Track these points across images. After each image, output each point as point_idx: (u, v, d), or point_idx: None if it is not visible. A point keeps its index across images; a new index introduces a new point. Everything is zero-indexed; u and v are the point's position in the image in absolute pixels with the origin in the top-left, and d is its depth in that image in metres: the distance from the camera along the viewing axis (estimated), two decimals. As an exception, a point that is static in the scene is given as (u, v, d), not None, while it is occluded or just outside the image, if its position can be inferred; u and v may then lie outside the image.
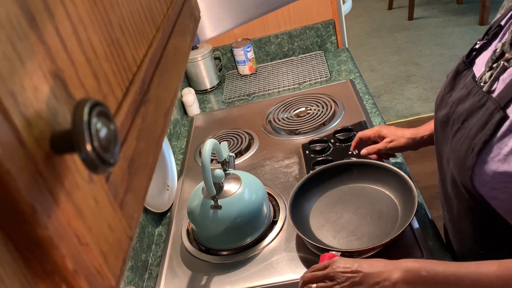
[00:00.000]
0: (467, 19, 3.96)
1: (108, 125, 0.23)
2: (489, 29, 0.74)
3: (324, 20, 1.77)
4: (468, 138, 0.66)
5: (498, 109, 0.61)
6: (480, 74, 0.69)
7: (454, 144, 0.69)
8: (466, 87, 0.71)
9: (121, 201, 0.31)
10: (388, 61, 3.61)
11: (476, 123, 0.64)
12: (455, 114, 0.71)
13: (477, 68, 0.72)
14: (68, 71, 0.26)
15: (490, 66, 0.67)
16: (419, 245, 0.88)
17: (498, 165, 0.60)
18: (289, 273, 0.92)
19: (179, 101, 1.65)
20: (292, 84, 1.65)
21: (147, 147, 0.39)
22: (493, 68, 0.67)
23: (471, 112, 0.67)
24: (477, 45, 0.75)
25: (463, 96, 0.70)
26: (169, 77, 0.49)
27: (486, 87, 0.66)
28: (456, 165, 0.69)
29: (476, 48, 0.75)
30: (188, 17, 0.66)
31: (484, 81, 0.67)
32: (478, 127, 0.64)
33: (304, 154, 1.24)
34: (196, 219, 1.01)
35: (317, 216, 1.00)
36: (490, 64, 0.67)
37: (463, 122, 0.68)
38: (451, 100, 0.74)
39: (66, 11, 0.28)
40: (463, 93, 0.71)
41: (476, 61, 0.73)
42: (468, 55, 0.75)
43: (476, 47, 0.75)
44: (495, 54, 0.67)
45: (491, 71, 0.67)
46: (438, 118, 0.78)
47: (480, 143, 0.63)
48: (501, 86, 0.63)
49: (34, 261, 0.22)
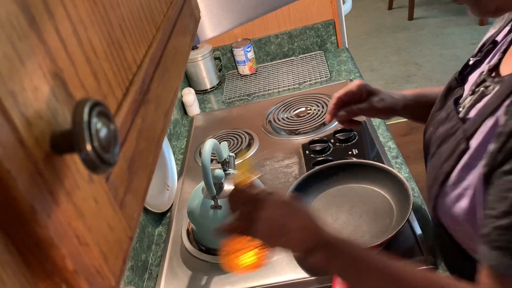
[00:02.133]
0: (467, 19, 3.96)
1: (108, 125, 0.23)
2: (482, 45, 0.71)
3: (324, 20, 1.77)
4: (437, 166, 0.64)
5: (463, 139, 0.59)
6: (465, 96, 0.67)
7: (428, 170, 0.68)
8: (447, 109, 0.68)
9: (121, 201, 0.31)
10: (388, 61, 3.61)
11: (445, 151, 0.62)
12: (435, 136, 0.69)
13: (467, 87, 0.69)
14: (68, 71, 0.26)
15: (473, 90, 0.64)
16: (419, 245, 0.88)
17: (458, 198, 0.59)
18: (289, 273, 0.92)
19: (179, 101, 1.65)
20: (292, 84, 1.65)
21: (147, 147, 0.39)
22: (475, 92, 0.64)
23: (444, 138, 0.64)
24: (470, 61, 0.72)
25: (443, 119, 0.68)
26: (169, 77, 0.49)
27: (462, 113, 0.63)
28: (427, 191, 0.67)
29: (470, 65, 0.72)
30: (188, 17, 0.66)
31: (464, 106, 0.64)
32: (445, 156, 0.62)
33: (304, 154, 1.24)
34: (196, 219, 1.01)
35: None
36: (473, 87, 0.65)
37: (437, 147, 0.66)
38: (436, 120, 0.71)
39: (66, 11, 0.28)
40: (443, 115, 0.68)
41: (469, 78, 0.70)
42: (461, 71, 0.73)
43: (470, 63, 0.72)
44: (480, 77, 0.64)
45: (472, 95, 0.64)
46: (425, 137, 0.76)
47: (443, 174, 0.61)
48: (473, 114, 0.61)
49: (34, 261, 0.22)
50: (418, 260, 0.86)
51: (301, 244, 0.62)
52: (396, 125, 2.86)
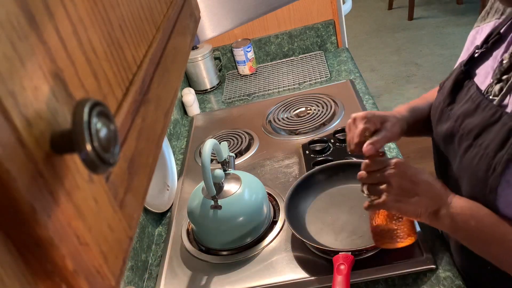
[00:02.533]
0: (467, 19, 3.96)
1: (108, 125, 0.23)
2: (487, 36, 0.70)
3: (324, 20, 1.77)
4: (486, 156, 0.61)
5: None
6: (486, 86, 0.66)
7: (468, 163, 0.65)
8: (472, 100, 0.67)
9: (121, 201, 0.31)
10: (388, 61, 3.61)
11: (494, 140, 0.60)
12: (463, 129, 0.67)
13: (479, 79, 0.68)
14: (68, 71, 0.26)
15: (498, 78, 0.64)
16: (419, 245, 0.88)
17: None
18: (289, 273, 0.92)
19: (179, 101, 1.65)
20: (292, 84, 1.65)
21: (147, 147, 0.39)
22: (502, 80, 0.63)
23: (484, 128, 0.63)
24: (475, 53, 0.71)
25: (470, 110, 0.66)
26: (169, 77, 0.49)
27: (497, 101, 0.62)
28: (474, 186, 0.65)
29: (476, 57, 0.71)
30: (188, 17, 0.66)
31: (494, 94, 0.63)
32: (496, 145, 0.60)
33: (304, 154, 1.24)
34: (196, 219, 1.01)
35: (314, 222, 1.00)
36: (498, 76, 0.64)
37: (474, 139, 0.64)
38: (454, 114, 0.70)
39: (66, 11, 0.28)
40: (469, 107, 0.67)
41: (477, 71, 0.69)
42: (466, 63, 0.72)
43: (476, 56, 0.71)
44: (502, 65, 0.64)
45: (500, 83, 0.63)
46: (440, 133, 0.74)
47: (503, 163, 0.58)
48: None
49: (34, 261, 0.22)
50: (418, 260, 0.86)
51: (427, 208, 0.67)
52: (396, 125, 2.86)
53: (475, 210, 0.65)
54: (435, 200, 0.67)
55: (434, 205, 0.67)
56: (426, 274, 0.85)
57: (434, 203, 0.67)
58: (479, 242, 0.66)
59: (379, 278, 0.86)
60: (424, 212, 0.67)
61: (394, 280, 0.85)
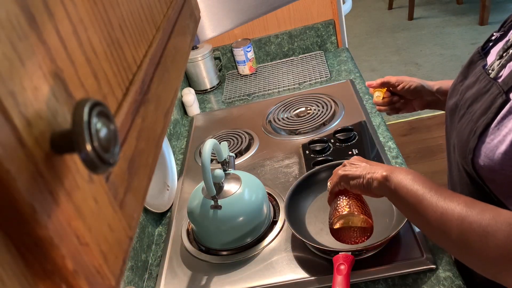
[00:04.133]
0: (467, 19, 3.96)
1: (108, 125, 0.23)
2: (505, 21, 0.75)
3: (324, 20, 1.77)
4: (472, 121, 0.67)
5: (502, 93, 0.62)
6: (491, 62, 0.71)
7: (459, 129, 0.71)
8: (475, 74, 0.72)
9: (121, 201, 0.31)
10: (388, 61, 3.61)
11: (480, 107, 0.65)
12: (463, 100, 0.72)
13: (490, 58, 0.73)
14: (68, 71, 0.26)
15: (500, 55, 0.68)
16: (419, 245, 0.88)
17: (497, 145, 0.61)
18: (289, 273, 0.92)
19: (179, 101, 1.65)
20: (292, 84, 1.65)
21: (147, 147, 0.39)
22: (502, 57, 0.68)
23: (476, 97, 0.68)
24: (493, 36, 0.76)
25: (471, 83, 0.72)
26: (169, 77, 0.49)
27: (493, 74, 0.67)
28: (459, 149, 0.70)
29: (492, 40, 0.76)
30: (188, 17, 0.66)
31: (493, 69, 0.68)
32: (481, 111, 0.65)
33: (304, 154, 1.24)
34: (196, 219, 1.01)
35: (314, 222, 0.99)
36: (501, 53, 0.69)
37: (468, 107, 0.69)
38: (461, 88, 0.75)
39: (66, 11, 0.28)
40: (471, 80, 0.72)
41: (491, 51, 0.74)
42: (483, 46, 0.77)
43: (492, 39, 0.76)
44: (507, 44, 0.68)
45: (500, 59, 0.68)
46: (448, 107, 0.80)
47: (482, 126, 0.63)
48: (507, 71, 0.64)
49: (34, 261, 0.22)
50: (418, 260, 0.86)
51: (370, 172, 0.75)
52: (396, 125, 2.86)
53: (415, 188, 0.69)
54: (377, 166, 0.76)
55: (377, 170, 0.74)
56: (426, 274, 0.85)
57: (377, 168, 0.75)
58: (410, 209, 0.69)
59: (379, 278, 0.86)
60: (368, 176, 0.75)
61: (394, 280, 0.85)
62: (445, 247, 0.67)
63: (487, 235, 0.56)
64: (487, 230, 0.56)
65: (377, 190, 0.74)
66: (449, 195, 0.63)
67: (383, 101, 1.07)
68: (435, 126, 2.75)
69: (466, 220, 0.59)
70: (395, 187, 0.69)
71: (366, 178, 0.75)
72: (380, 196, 0.76)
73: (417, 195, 0.66)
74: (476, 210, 0.59)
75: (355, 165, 0.79)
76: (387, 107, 1.08)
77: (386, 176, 0.71)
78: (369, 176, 0.74)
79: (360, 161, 0.80)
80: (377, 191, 0.74)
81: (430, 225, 0.64)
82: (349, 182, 0.78)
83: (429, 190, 0.65)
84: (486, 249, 0.56)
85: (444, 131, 0.85)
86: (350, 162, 0.82)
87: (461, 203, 0.61)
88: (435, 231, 0.64)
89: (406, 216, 0.72)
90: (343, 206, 0.80)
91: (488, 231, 0.56)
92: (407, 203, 0.67)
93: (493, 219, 0.56)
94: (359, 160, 0.81)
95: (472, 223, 0.58)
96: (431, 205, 0.63)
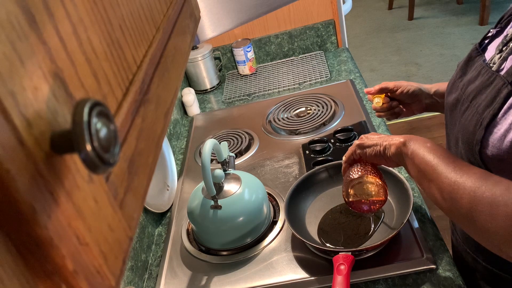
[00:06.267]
0: (467, 19, 3.96)
1: (108, 125, 0.23)
2: (501, 18, 0.75)
3: (324, 20, 1.77)
4: (477, 113, 0.67)
5: (506, 85, 0.63)
6: (490, 57, 0.71)
7: (463, 122, 0.71)
8: (476, 69, 0.73)
9: (121, 201, 0.31)
10: (388, 61, 3.61)
11: (485, 99, 0.66)
12: (465, 94, 0.73)
13: (488, 54, 0.73)
14: (68, 71, 0.26)
15: (500, 49, 0.69)
16: (419, 245, 0.88)
17: (505, 134, 0.61)
18: (289, 273, 0.92)
19: (179, 101, 1.65)
20: (292, 84, 1.65)
21: (147, 147, 0.39)
22: (503, 51, 0.68)
23: (480, 90, 0.68)
24: (489, 33, 0.77)
25: (473, 78, 0.72)
26: (169, 77, 0.49)
27: (495, 67, 0.68)
28: (465, 142, 0.70)
29: (489, 36, 0.76)
30: (188, 17, 0.66)
31: (494, 63, 0.69)
32: (486, 102, 0.65)
33: (304, 154, 1.24)
34: (196, 219, 1.01)
35: (313, 221, 0.99)
36: (500, 47, 0.69)
37: (471, 101, 0.70)
38: (462, 84, 0.76)
39: (66, 11, 0.28)
40: (473, 75, 0.73)
41: (488, 47, 0.75)
42: (481, 42, 0.77)
43: (489, 35, 0.76)
44: (506, 38, 0.69)
45: (501, 53, 0.68)
46: (448, 102, 0.80)
47: (489, 117, 0.64)
48: (509, 64, 0.65)
49: (34, 261, 0.22)
50: (418, 261, 0.86)
51: (386, 140, 0.78)
52: (396, 125, 2.86)
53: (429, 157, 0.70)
54: (395, 136, 0.78)
55: (395, 137, 0.76)
56: (426, 274, 0.85)
57: (395, 136, 0.77)
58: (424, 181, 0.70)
59: (379, 278, 0.86)
60: (386, 143, 0.77)
61: (394, 280, 0.85)
62: (453, 218, 0.66)
63: (498, 204, 0.56)
64: (498, 199, 0.56)
65: (394, 157, 0.75)
66: (465, 165, 0.64)
67: (382, 106, 1.07)
68: (435, 126, 2.75)
69: (479, 190, 0.59)
70: (412, 153, 0.71)
71: (383, 145, 0.77)
72: (395, 164, 0.77)
73: (433, 163, 0.67)
74: (490, 181, 0.59)
75: (371, 137, 0.82)
76: (387, 112, 1.09)
77: (404, 142, 0.73)
78: (386, 143, 0.77)
79: (377, 135, 0.83)
80: (394, 157, 0.75)
81: (441, 193, 0.64)
82: (366, 150, 0.81)
83: (446, 159, 0.66)
84: (496, 218, 0.56)
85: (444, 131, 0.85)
86: (366, 135, 0.84)
87: (476, 173, 0.61)
88: (446, 199, 0.64)
89: (418, 183, 0.72)
90: (356, 171, 0.83)
91: (499, 201, 0.56)
92: (421, 170, 0.68)
93: (506, 190, 0.56)
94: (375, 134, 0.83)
95: (485, 192, 0.58)
96: (445, 172, 0.64)
